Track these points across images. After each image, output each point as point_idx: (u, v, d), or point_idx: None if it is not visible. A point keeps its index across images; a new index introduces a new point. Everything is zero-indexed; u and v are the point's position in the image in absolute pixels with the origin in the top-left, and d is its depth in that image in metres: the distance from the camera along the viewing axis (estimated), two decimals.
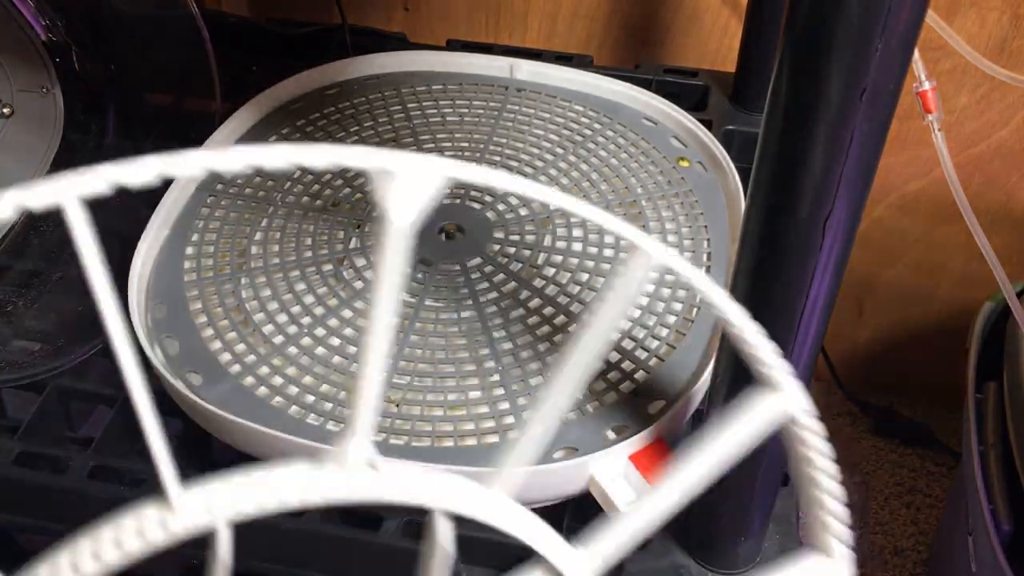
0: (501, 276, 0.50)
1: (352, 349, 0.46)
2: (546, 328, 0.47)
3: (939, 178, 0.78)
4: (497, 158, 0.57)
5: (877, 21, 0.25)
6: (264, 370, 0.45)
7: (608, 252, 0.51)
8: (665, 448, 0.43)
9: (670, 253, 0.20)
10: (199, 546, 0.48)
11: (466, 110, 0.60)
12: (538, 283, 0.49)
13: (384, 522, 0.43)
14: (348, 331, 0.47)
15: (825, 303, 0.32)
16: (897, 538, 0.84)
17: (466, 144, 0.58)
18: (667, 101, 0.60)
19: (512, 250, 0.51)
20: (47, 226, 0.55)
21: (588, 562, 0.21)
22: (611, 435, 0.43)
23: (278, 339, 0.47)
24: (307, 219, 0.53)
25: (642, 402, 0.44)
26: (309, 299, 0.48)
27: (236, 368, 0.46)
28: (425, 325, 0.47)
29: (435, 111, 0.60)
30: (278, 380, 0.45)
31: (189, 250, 0.51)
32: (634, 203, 0.54)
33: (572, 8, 0.77)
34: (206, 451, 0.48)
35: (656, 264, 0.20)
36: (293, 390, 0.45)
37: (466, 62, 0.63)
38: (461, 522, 0.42)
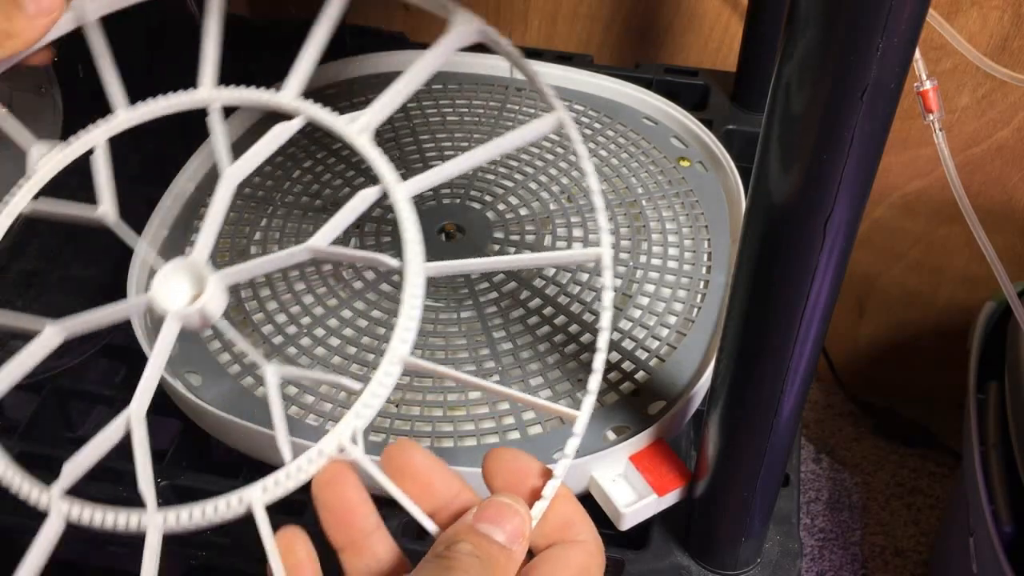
0: (501, 276, 0.50)
1: (352, 349, 0.46)
2: (546, 328, 0.47)
3: (940, 178, 0.78)
4: (497, 158, 0.57)
5: (878, 20, 0.25)
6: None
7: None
8: (665, 448, 0.43)
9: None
10: (199, 546, 0.47)
11: (466, 110, 0.60)
12: (538, 283, 0.49)
13: (384, 522, 0.43)
14: (348, 331, 0.47)
15: (825, 303, 0.32)
16: (898, 539, 0.84)
17: (466, 144, 0.58)
18: (667, 101, 0.60)
19: (512, 250, 0.51)
20: (46, 226, 0.55)
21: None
22: (611, 435, 0.43)
23: (277, 339, 0.47)
24: (307, 219, 0.53)
25: (642, 402, 0.44)
26: (308, 299, 0.48)
27: (236, 368, 0.46)
28: (425, 325, 0.47)
29: (435, 111, 0.60)
30: None
31: (189, 250, 0.51)
32: (634, 203, 0.54)
33: (572, 8, 0.76)
34: (206, 451, 0.48)
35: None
36: (292, 390, 0.45)
37: (466, 62, 0.63)
38: None
